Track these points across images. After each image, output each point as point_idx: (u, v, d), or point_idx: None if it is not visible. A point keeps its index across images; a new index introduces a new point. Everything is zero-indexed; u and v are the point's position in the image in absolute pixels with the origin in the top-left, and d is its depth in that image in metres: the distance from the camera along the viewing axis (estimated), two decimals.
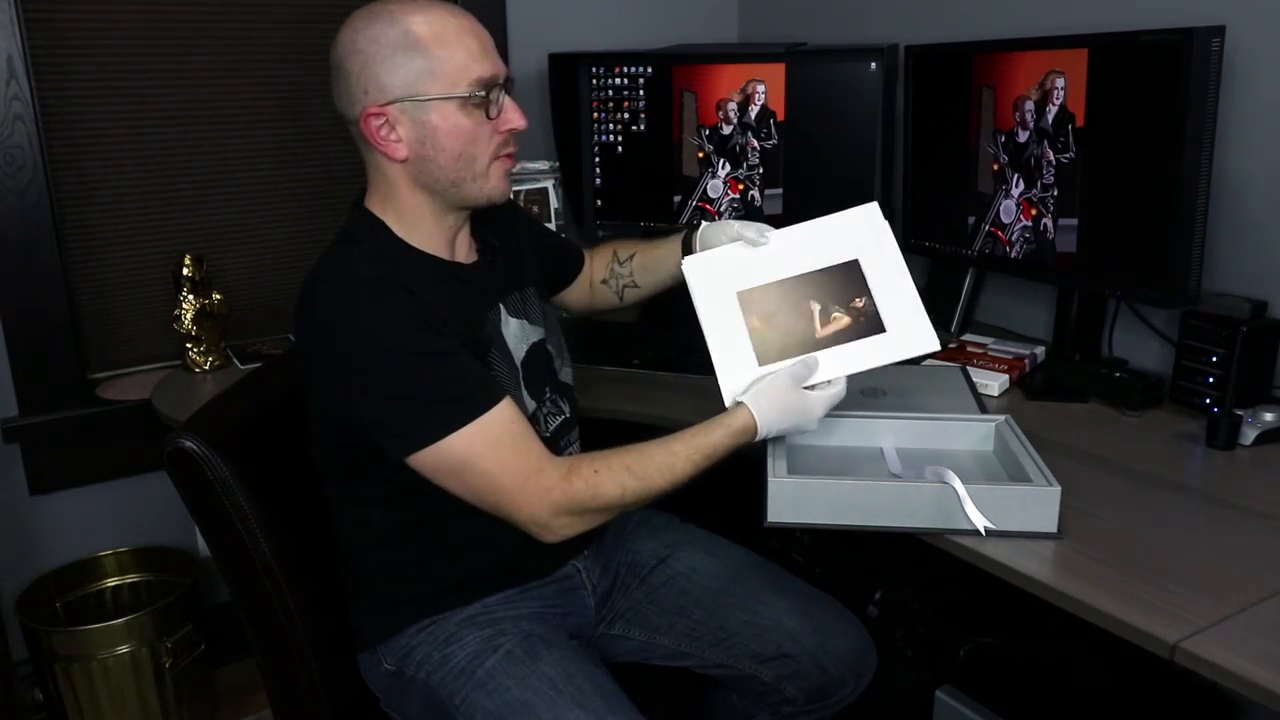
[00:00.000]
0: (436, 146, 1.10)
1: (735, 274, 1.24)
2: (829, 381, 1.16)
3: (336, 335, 1.07)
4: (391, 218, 1.15)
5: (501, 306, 1.21)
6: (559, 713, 1.09)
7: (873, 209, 1.24)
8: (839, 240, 1.22)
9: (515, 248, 1.31)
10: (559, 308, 1.44)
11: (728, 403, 1.17)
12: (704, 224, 1.34)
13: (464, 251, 1.21)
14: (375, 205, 1.16)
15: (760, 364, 1.17)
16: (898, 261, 1.20)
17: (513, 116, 1.14)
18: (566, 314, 1.50)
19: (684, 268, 1.26)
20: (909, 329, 1.15)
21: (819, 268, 1.21)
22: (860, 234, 1.22)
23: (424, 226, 1.16)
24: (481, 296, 1.19)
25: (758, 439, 1.15)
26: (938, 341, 1.14)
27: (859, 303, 1.17)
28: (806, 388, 1.15)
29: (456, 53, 1.08)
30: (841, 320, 1.17)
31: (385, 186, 1.15)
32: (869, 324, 1.16)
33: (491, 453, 1.06)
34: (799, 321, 1.19)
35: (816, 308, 1.19)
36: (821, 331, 1.17)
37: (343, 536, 1.22)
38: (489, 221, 1.27)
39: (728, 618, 1.29)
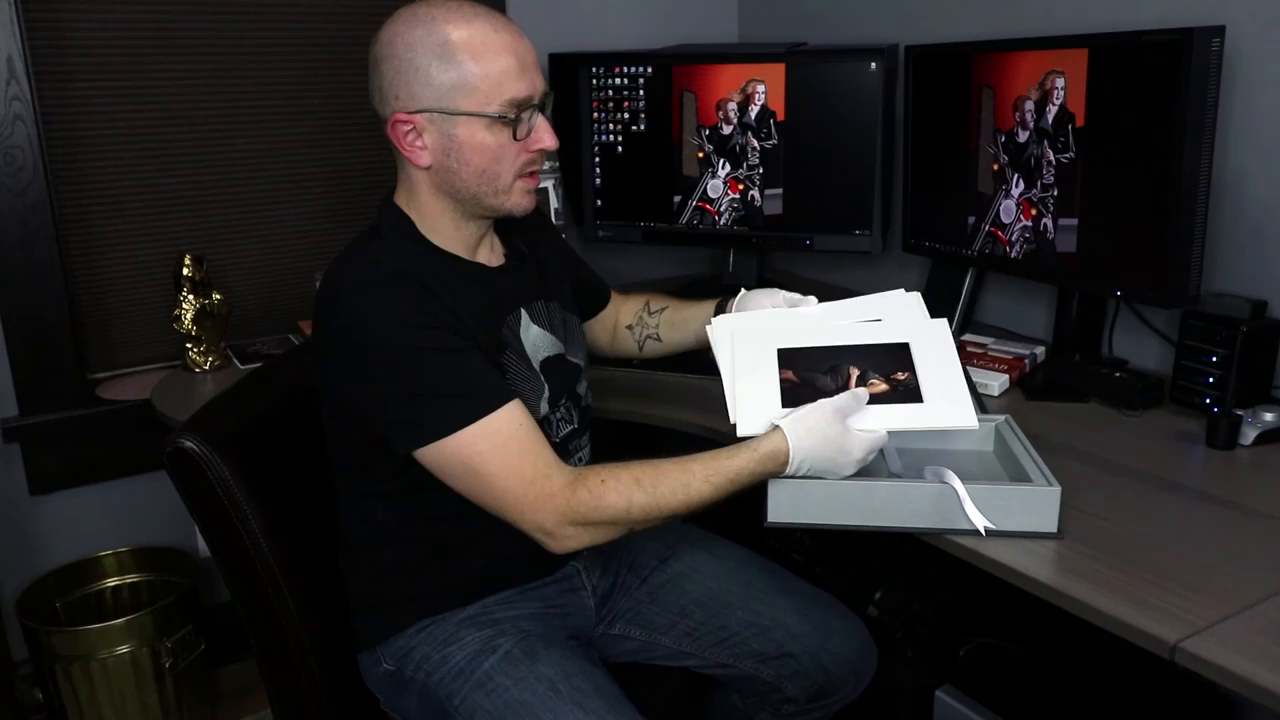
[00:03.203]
0: (460, 160, 1.10)
1: (779, 332, 1.20)
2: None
3: (351, 327, 1.07)
4: (416, 215, 1.16)
5: (524, 311, 1.20)
6: (557, 713, 1.09)
7: (916, 298, 1.22)
8: (890, 323, 1.19)
9: (545, 259, 1.31)
10: None
11: (740, 431, 1.10)
12: (743, 291, 1.32)
13: (487, 255, 1.21)
14: (402, 201, 1.17)
15: (783, 406, 1.11)
16: (950, 350, 1.15)
17: (543, 137, 1.13)
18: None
19: (714, 324, 1.22)
20: (948, 406, 1.09)
21: (867, 342, 1.17)
22: (913, 320, 1.19)
23: (445, 229, 1.16)
24: (502, 299, 1.19)
25: (788, 471, 1.08)
26: (976, 421, 1.08)
27: (901, 375, 1.12)
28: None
29: (492, 70, 1.07)
30: (878, 387, 1.11)
31: (410, 186, 1.15)
32: (906, 394, 1.10)
33: (496, 455, 1.06)
34: (835, 381, 1.13)
35: (855, 372, 1.13)
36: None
37: (346, 531, 1.23)
38: (520, 229, 1.27)
39: (729, 618, 1.29)
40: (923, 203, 1.78)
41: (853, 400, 1.08)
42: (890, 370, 1.13)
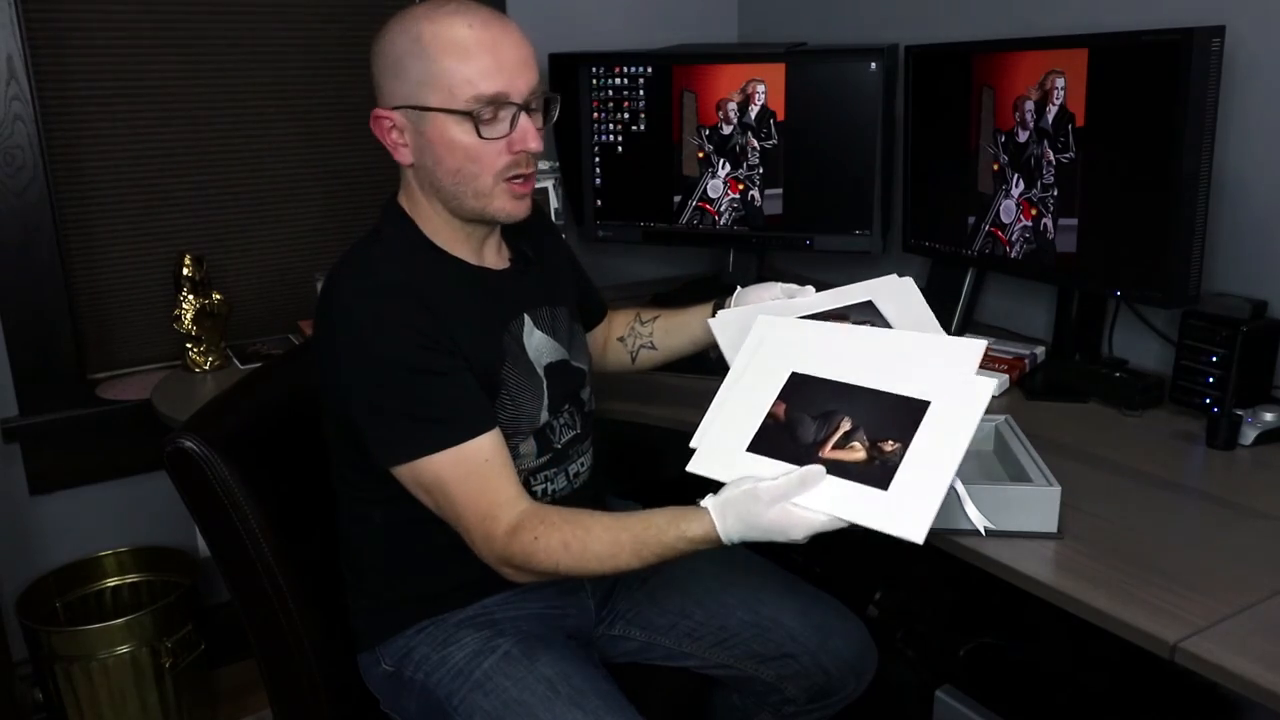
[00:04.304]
0: (434, 158, 1.10)
1: (802, 354, 1.09)
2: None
3: (343, 335, 1.07)
4: (418, 217, 1.15)
5: (527, 317, 1.20)
6: (556, 713, 1.09)
7: (908, 283, 1.12)
8: (933, 370, 1.02)
9: (552, 264, 1.30)
10: None
11: (691, 465, 1.05)
12: (739, 289, 1.29)
13: (493, 258, 1.21)
14: (404, 202, 1.16)
15: (747, 450, 1.04)
16: (966, 431, 0.96)
17: (525, 139, 1.09)
18: None
19: (760, 320, 1.14)
20: (907, 507, 0.94)
21: (886, 390, 1.03)
22: (957, 377, 1.01)
23: (444, 230, 1.16)
24: (505, 305, 1.18)
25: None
26: (923, 537, 0.92)
27: (888, 446, 0.98)
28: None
29: (462, 66, 1.05)
30: (856, 454, 0.99)
31: (408, 186, 1.16)
32: (877, 472, 0.96)
33: (457, 484, 1.06)
34: (818, 433, 1.02)
35: (845, 428, 1.01)
36: (827, 453, 1.00)
37: (345, 533, 1.23)
38: (527, 233, 1.26)
39: (728, 618, 1.29)
40: (923, 203, 1.78)
41: (798, 484, 0.96)
42: (886, 434, 0.99)
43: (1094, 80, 1.42)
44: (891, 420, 1.00)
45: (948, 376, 1.01)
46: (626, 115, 1.96)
